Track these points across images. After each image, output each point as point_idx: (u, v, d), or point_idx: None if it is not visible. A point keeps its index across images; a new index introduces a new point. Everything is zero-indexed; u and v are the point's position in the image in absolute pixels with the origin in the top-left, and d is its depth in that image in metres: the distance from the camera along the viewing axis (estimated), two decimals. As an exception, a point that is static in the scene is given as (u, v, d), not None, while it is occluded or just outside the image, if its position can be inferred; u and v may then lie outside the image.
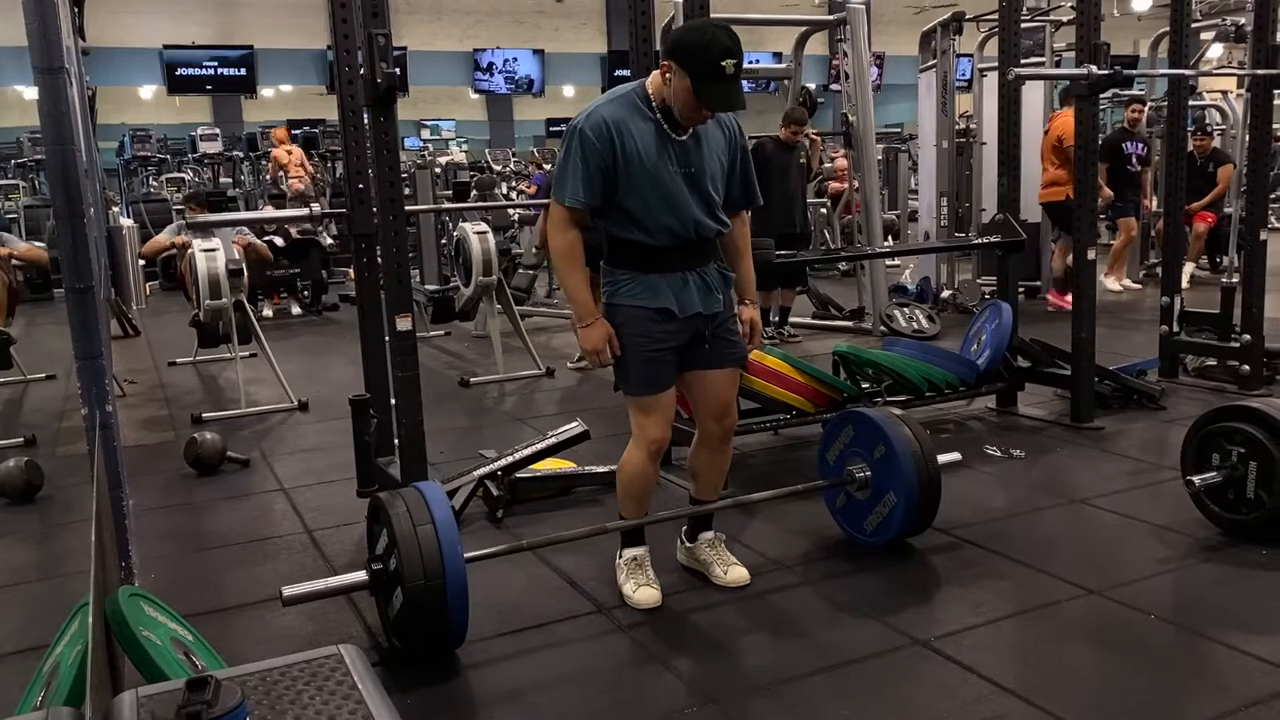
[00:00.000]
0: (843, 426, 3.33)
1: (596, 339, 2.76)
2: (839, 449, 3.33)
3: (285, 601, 2.50)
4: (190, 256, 5.91)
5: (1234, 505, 3.23)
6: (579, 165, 2.66)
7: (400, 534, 2.52)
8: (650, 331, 2.76)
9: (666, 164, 2.69)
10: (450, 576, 2.50)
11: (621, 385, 2.88)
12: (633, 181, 2.68)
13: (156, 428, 5.38)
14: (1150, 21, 18.93)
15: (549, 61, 21.18)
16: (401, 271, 3.24)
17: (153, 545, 3.55)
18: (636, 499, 2.96)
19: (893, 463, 3.11)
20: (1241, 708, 2.28)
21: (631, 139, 2.66)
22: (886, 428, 3.16)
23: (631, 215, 2.72)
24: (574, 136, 2.68)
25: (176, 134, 17.31)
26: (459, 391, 6.00)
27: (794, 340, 7.07)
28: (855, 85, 7.33)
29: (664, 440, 2.89)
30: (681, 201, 2.71)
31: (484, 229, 6.42)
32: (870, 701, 2.40)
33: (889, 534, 3.17)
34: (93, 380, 2.65)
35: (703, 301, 2.79)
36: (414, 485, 2.73)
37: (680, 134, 2.70)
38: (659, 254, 2.75)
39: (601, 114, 2.67)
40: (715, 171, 2.78)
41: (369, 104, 3.17)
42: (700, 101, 2.60)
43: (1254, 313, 5.11)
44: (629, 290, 2.77)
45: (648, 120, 2.68)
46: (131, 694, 1.54)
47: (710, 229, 2.79)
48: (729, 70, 2.55)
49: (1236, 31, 7.50)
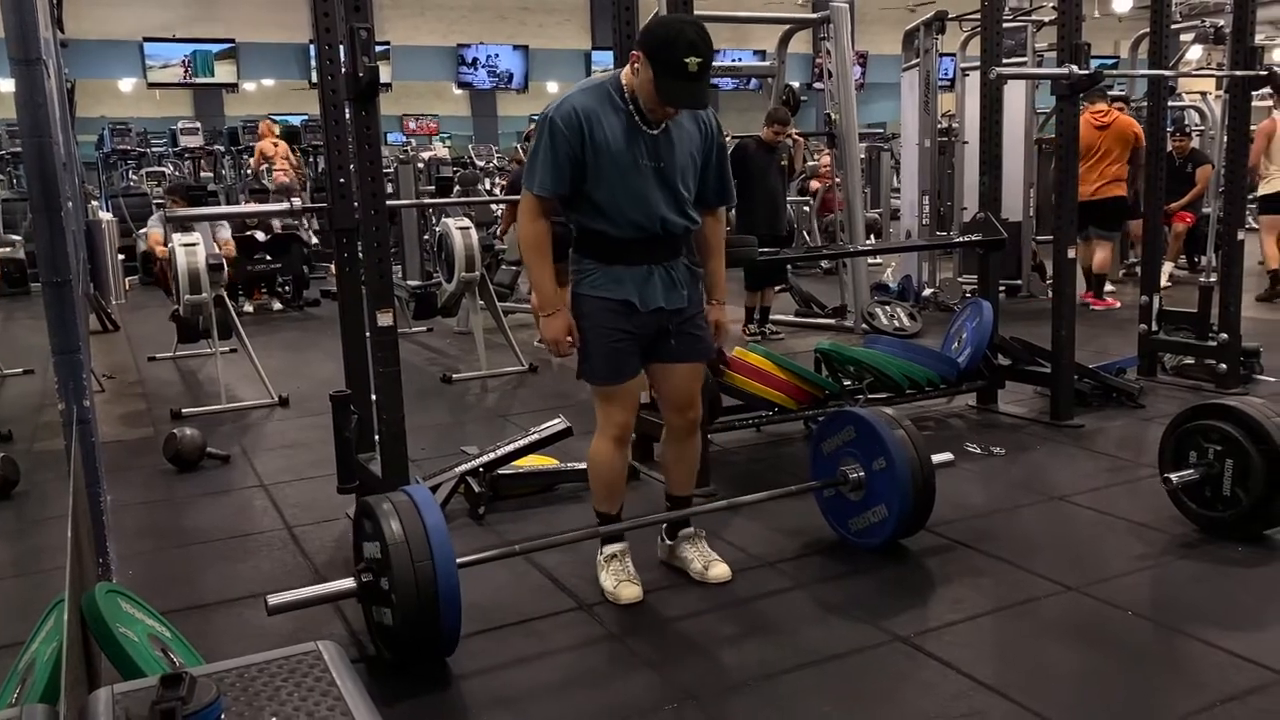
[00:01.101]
0: (843, 424, 3.26)
1: (556, 329, 2.78)
2: (835, 445, 3.28)
3: (271, 611, 2.46)
4: (170, 251, 5.86)
5: (1211, 502, 3.26)
6: (548, 155, 2.66)
7: (391, 544, 2.44)
8: (612, 323, 2.77)
9: (636, 157, 2.68)
10: (443, 587, 2.43)
11: (585, 375, 2.88)
12: (601, 172, 2.67)
13: (136, 423, 5.34)
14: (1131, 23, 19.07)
15: (533, 57, 21.11)
16: (383, 266, 3.23)
17: (131, 541, 3.53)
18: (608, 488, 2.97)
19: (891, 477, 3.07)
20: (1217, 703, 2.30)
21: (601, 129, 2.64)
22: (888, 440, 3.08)
23: (598, 207, 2.72)
24: (545, 125, 2.67)
25: (157, 128, 17.15)
26: (441, 388, 5.98)
27: (776, 337, 7.08)
28: (838, 84, 7.35)
29: (628, 425, 2.91)
30: (649, 196, 2.71)
31: (467, 224, 6.40)
32: (851, 698, 2.41)
33: (876, 539, 3.15)
34: (70, 375, 2.63)
35: (665, 296, 2.80)
36: (403, 489, 2.68)
37: (652, 127, 2.69)
38: (624, 246, 2.75)
39: (573, 103, 2.66)
40: (687, 167, 2.77)
41: (351, 98, 3.15)
42: (660, 96, 2.59)
43: (1231, 312, 5.16)
44: (593, 281, 2.78)
45: (619, 112, 2.67)
46: (107, 691, 1.53)
47: (678, 225, 2.78)
48: (692, 68, 2.53)
49: (1215, 33, 7.57)
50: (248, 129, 15.43)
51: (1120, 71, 9.21)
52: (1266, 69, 5.01)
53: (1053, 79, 4.54)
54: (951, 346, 4.97)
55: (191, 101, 20.05)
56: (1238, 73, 5.02)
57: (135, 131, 16.08)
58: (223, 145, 15.64)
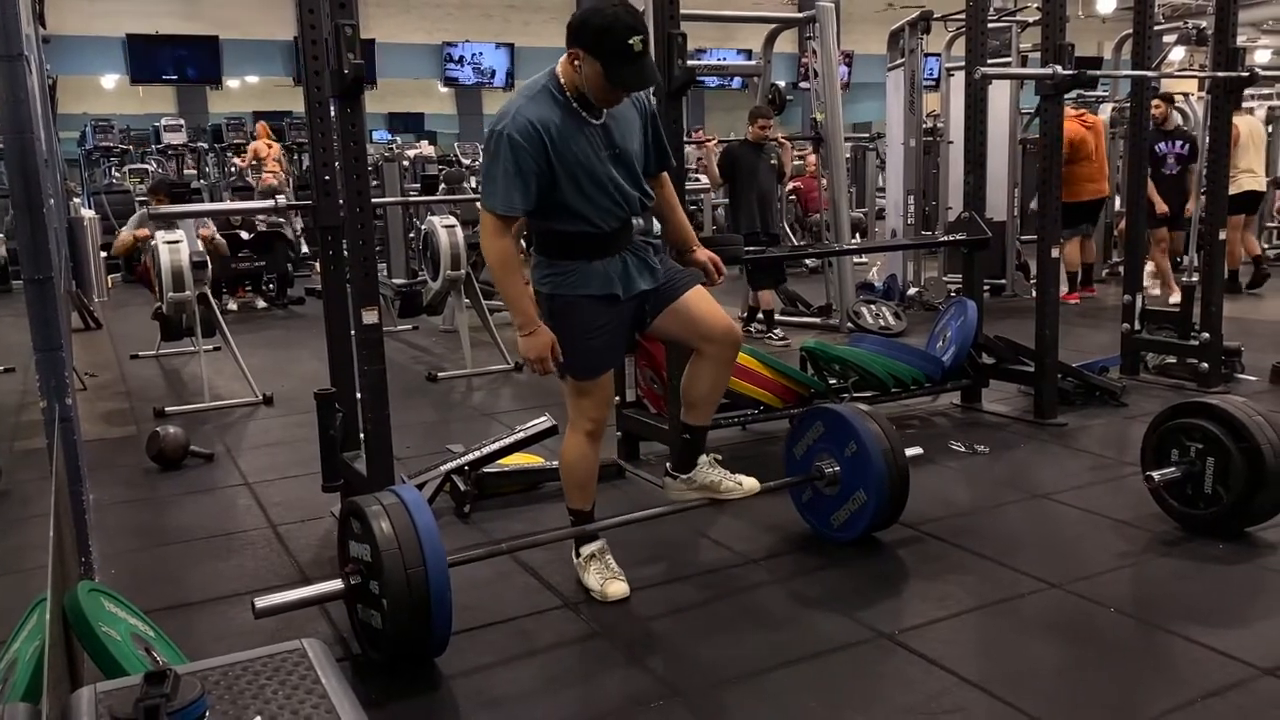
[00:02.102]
0: (811, 422, 3.34)
1: (540, 347, 2.72)
2: (806, 445, 3.34)
3: (258, 614, 2.43)
4: (154, 248, 5.83)
5: (1192, 500, 3.28)
6: (510, 171, 2.60)
7: (384, 548, 2.40)
8: (595, 318, 2.78)
9: (594, 150, 2.69)
10: (435, 591, 2.40)
11: (564, 370, 2.84)
12: (568, 174, 2.66)
13: (118, 421, 5.31)
14: (1114, 24, 19.17)
15: (519, 55, 21.07)
16: (368, 264, 3.21)
17: (114, 540, 3.51)
18: (581, 486, 2.98)
19: (863, 460, 3.12)
20: (1198, 699, 2.32)
21: (558, 134, 2.63)
22: (857, 424, 3.16)
23: (573, 208, 2.71)
24: (501, 142, 2.61)
25: (140, 124, 17.03)
26: (426, 386, 5.96)
27: (782, 342, 6.85)
28: (824, 83, 7.36)
29: (602, 421, 2.93)
30: (615, 183, 2.73)
31: (452, 223, 6.39)
32: (835, 694, 2.42)
33: (857, 529, 3.18)
34: (52, 373, 2.62)
35: (642, 278, 2.83)
36: (392, 490, 2.66)
37: (596, 117, 2.70)
38: (606, 239, 2.76)
39: (526, 115, 2.62)
40: (635, 147, 2.80)
41: (336, 95, 3.14)
42: (613, 84, 2.60)
43: (1213, 311, 5.20)
44: (572, 281, 2.77)
45: (565, 110, 2.66)
46: (90, 689, 1.53)
47: (640, 204, 2.82)
48: (636, 48, 2.56)
49: (1198, 35, 7.60)
50: (231, 126, 15.35)
51: (1104, 72, 9.27)
52: (1248, 70, 5.05)
53: (1037, 79, 4.57)
54: (936, 345, 4.99)
55: (175, 98, 19.93)
56: (1219, 74, 5.05)
57: (118, 128, 15.98)
58: (206, 142, 15.56)
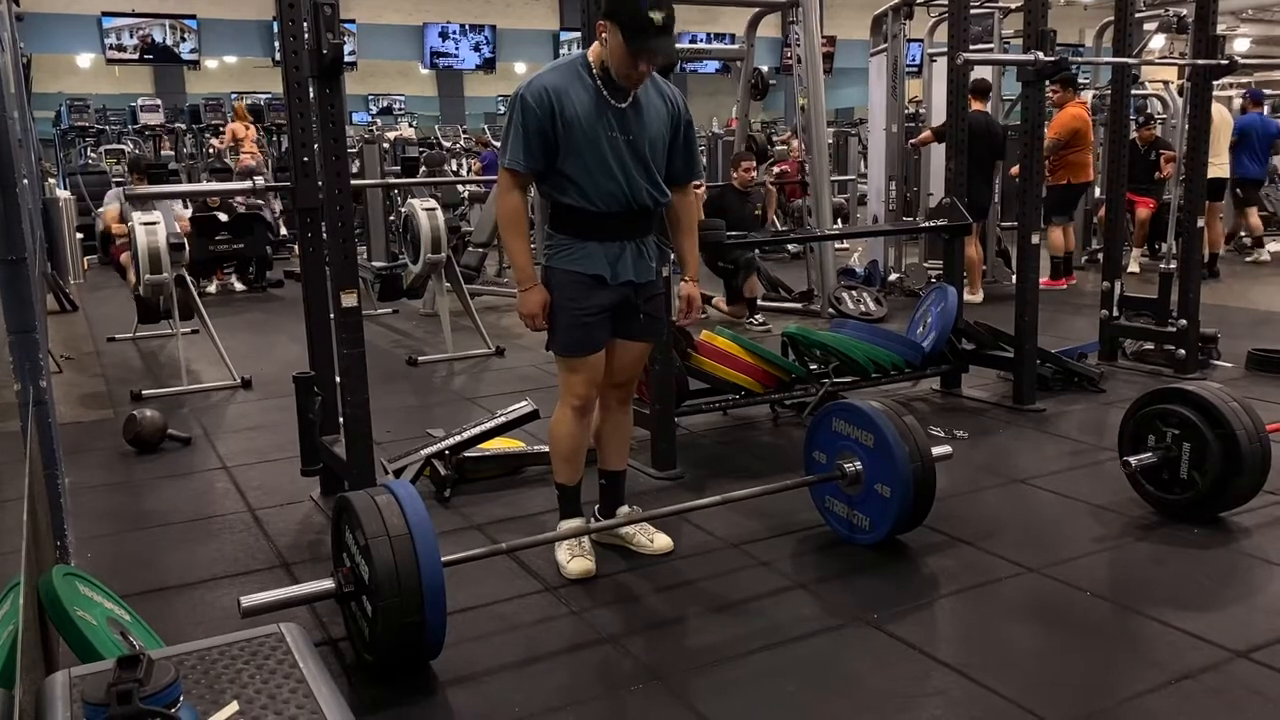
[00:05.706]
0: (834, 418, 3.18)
1: (533, 304, 2.84)
2: (831, 437, 3.19)
3: (244, 613, 2.35)
4: (130, 229, 5.76)
5: (1168, 485, 3.31)
6: (520, 130, 2.74)
7: (374, 548, 2.32)
8: (583, 296, 2.83)
9: (606, 129, 2.74)
10: (429, 594, 2.33)
11: (552, 345, 2.93)
12: (573, 145, 2.73)
13: (95, 404, 5.26)
14: (1096, 11, 19.25)
15: (501, 38, 20.95)
16: (347, 246, 3.19)
17: (90, 524, 3.48)
18: (568, 459, 3.03)
19: (889, 459, 2.98)
20: (1172, 681, 2.34)
21: (570, 104, 2.71)
22: (879, 422, 3.00)
23: (572, 180, 2.77)
24: (516, 103, 2.75)
25: (116, 104, 16.84)
26: (406, 370, 5.94)
27: (763, 328, 6.92)
28: (807, 68, 7.35)
29: (590, 397, 2.97)
30: (622, 166, 2.77)
31: (433, 206, 6.34)
32: (814, 678, 2.43)
33: (882, 529, 3.06)
34: (26, 355, 2.58)
35: (635, 268, 2.87)
36: (385, 485, 2.60)
37: (620, 100, 2.75)
38: (599, 220, 2.80)
39: (542, 82, 2.74)
40: (656, 141, 2.83)
41: (315, 76, 3.11)
42: (633, 55, 2.64)
43: (1190, 298, 5.24)
44: (565, 255, 2.84)
45: (588, 87, 2.74)
46: (64, 674, 1.51)
47: (650, 198, 2.84)
48: (658, 21, 2.61)
49: (1178, 22, 7.63)
50: (209, 106, 15.19)
51: (1085, 59, 9.31)
52: (1228, 58, 5.07)
53: (1019, 65, 4.57)
54: (916, 331, 5.01)
55: (152, 78, 19.71)
56: (1199, 61, 5.08)
57: (94, 108, 15.79)
58: (184, 123, 15.40)
